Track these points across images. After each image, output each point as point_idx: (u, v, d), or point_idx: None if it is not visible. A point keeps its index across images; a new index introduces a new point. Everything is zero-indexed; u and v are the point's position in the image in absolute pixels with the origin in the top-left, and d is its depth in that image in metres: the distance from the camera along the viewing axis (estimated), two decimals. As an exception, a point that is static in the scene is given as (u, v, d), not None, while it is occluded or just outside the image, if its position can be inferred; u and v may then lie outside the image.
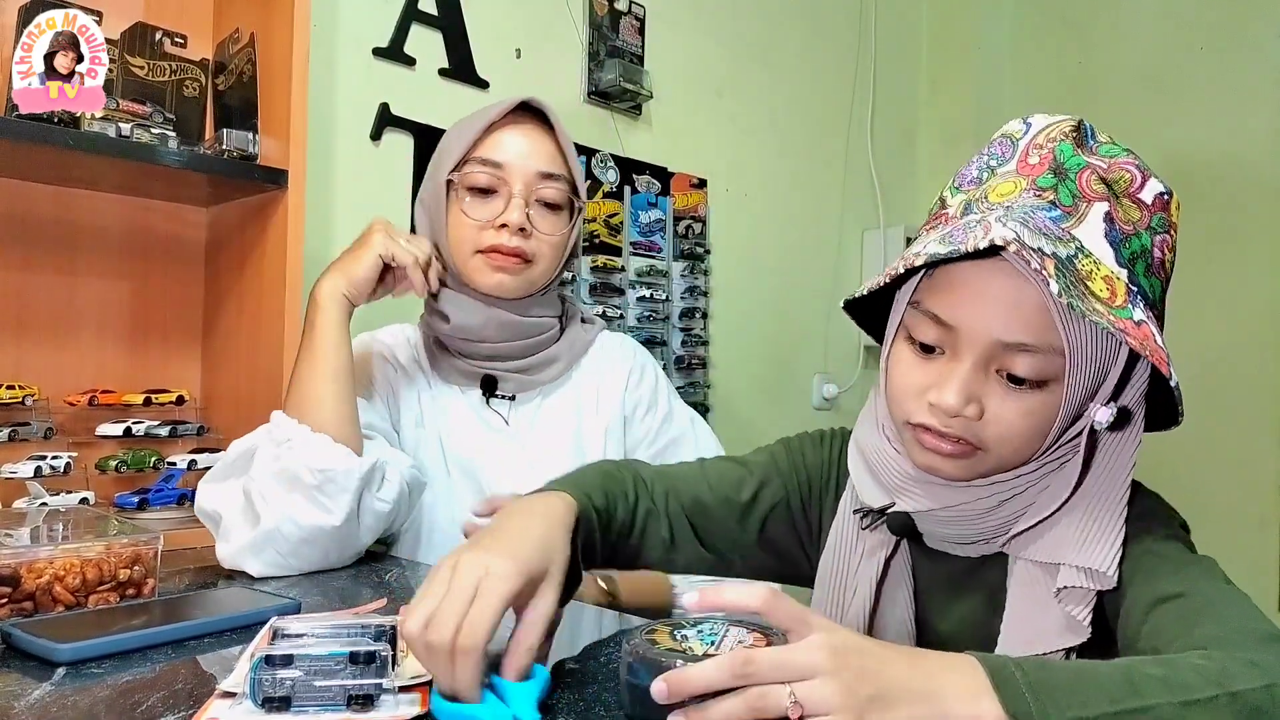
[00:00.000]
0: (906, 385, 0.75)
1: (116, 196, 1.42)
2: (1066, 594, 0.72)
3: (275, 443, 1.01)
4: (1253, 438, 2.37)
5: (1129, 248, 0.71)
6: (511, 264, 1.15)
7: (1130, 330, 0.66)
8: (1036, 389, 0.71)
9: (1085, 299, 0.66)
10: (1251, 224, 2.39)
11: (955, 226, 0.72)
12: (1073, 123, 0.75)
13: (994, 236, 0.65)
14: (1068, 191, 0.72)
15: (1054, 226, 0.70)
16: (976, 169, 0.78)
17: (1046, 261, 0.65)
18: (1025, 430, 0.72)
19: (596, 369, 1.28)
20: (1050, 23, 2.80)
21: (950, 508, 0.76)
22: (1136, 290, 0.71)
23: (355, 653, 0.59)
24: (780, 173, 2.52)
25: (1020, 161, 0.75)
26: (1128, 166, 0.73)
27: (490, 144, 1.17)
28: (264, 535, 0.98)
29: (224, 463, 1.06)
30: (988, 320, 0.70)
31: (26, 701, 0.62)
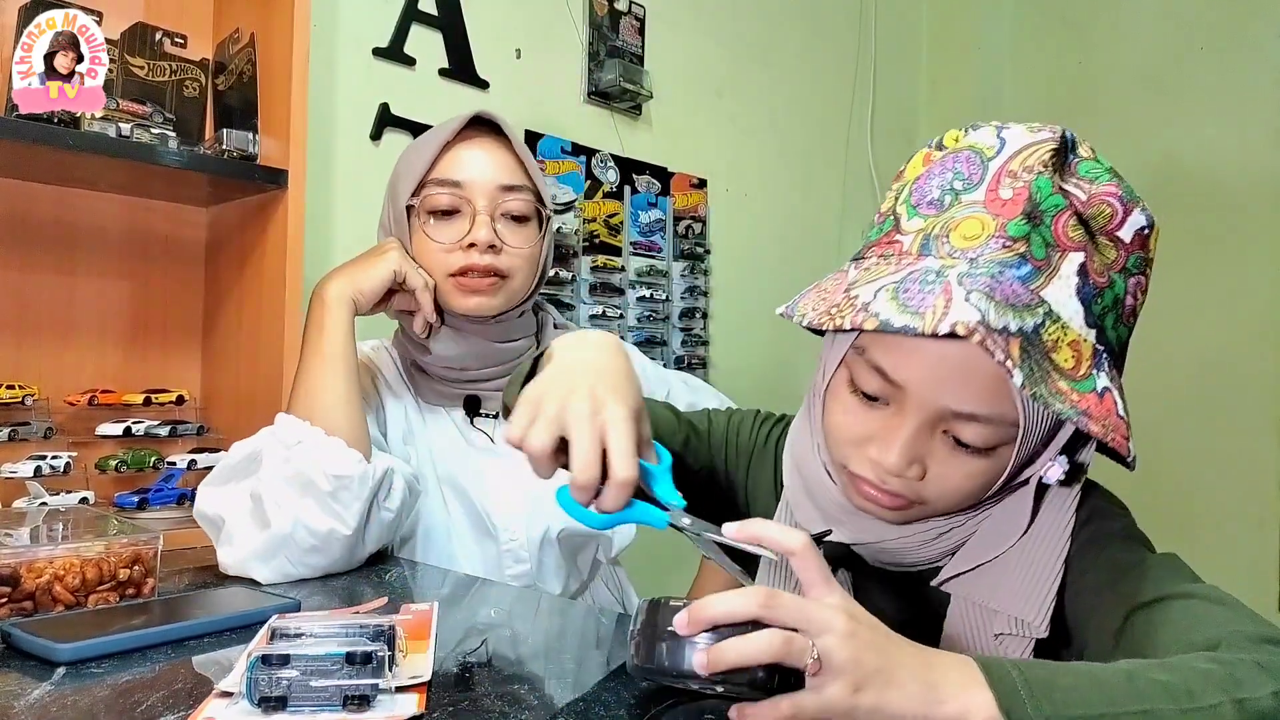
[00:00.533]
0: (846, 432, 0.72)
1: (116, 196, 1.42)
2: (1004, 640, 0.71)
3: (285, 445, 0.99)
4: (1253, 438, 2.37)
5: (1101, 302, 0.66)
6: (486, 285, 1.13)
7: (1093, 408, 0.62)
8: (982, 454, 0.68)
9: (1049, 378, 0.62)
10: (1251, 224, 2.39)
11: (912, 278, 0.64)
12: (1053, 145, 0.67)
13: (955, 321, 0.59)
14: (1041, 241, 0.65)
15: (1023, 290, 0.63)
16: (938, 188, 0.69)
17: (1012, 344, 0.60)
18: (969, 489, 0.70)
19: None
20: (1050, 23, 2.80)
21: (886, 540, 0.75)
22: (1103, 349, 0.66)
23: (352, 653, 0.59)
24: (780, 173, 2.52)
25: (990, 191, 0.66)
26: (1108, 199, 0.66)
27: (447, 163, 1.14)
28: (275, 541, 0.96)
29: (226, 466, 1.03)
30: (939, 387, 0.65)
31: (26, 701, 0.62)
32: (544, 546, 1.16)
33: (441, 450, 1.17)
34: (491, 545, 1.15)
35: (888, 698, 0.53)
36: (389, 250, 1.12)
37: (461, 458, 1.17)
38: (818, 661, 0.52)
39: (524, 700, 0.63)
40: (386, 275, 1.10)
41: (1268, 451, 2.36)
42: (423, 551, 1.14)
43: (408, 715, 0.59)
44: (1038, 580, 0.71)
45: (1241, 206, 2.41)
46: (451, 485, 1.16)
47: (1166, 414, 2.41)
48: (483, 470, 1.17)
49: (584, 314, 2.03)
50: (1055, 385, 0.62)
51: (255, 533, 0.97)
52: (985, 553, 0.73)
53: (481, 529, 1.15)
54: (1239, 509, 2.36)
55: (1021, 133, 0.68)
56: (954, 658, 0.56)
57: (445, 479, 1.16)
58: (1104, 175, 0.67)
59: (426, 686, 0.63)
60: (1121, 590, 0.67)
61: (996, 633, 0.71)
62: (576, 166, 2.01)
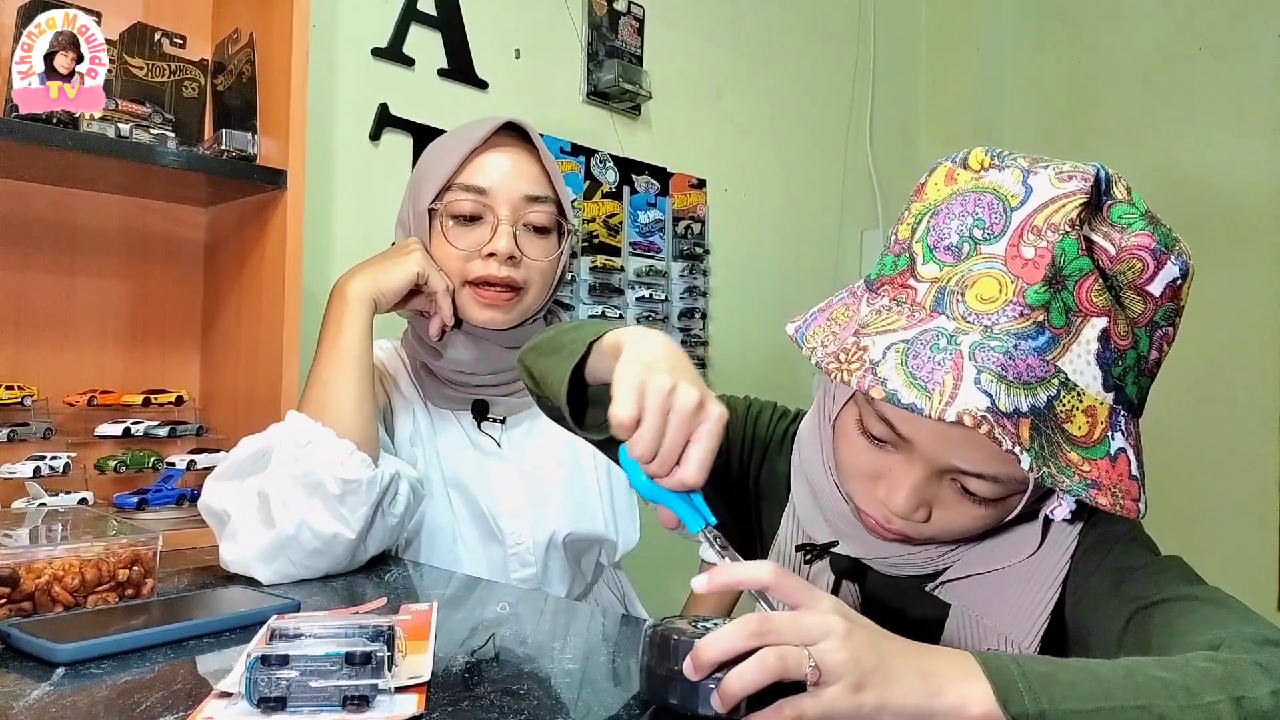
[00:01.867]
0: (854, 467, 0.72)
1: (116, 197, 1.42)
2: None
3: (296, 444, 0.98)
4: (1253, 438, 2.38)
5: (1122, 364, 0.64)
6: (502, 300, 1.12)
7: (1103, 477, 0.62)
8: (990, 504, 0.68)
9: (1058, 454, 0.61)
10: (1251, 225, 2.40)
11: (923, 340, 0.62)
12: (1082, 199, 0.62)
13: (962, 410, 0.58)
14: (1061, 307, 0.62)
15: (1038, 363, 0.61)
16: (957, 233, 0.65)
17: (1022, 426, 0.59)
18: (973, 529, 0.71)
19: None
20: (1050, 23, 2.80)
21: (896, 556, 0.76)
22: (1121, 407, 0.64)
23: (351, 653, 0.59)
24: (780, 173, 2.52)
25: (1011, 246, 0.63)
26: (1140, 254, 0.63)
27: (473, 168, 1.12)
28: (279, 542, 0.95)
29: (234, 461, 1.02)
30: (947, 448, 0.65)
31: (25, 702, 0.62)
32: (549, 550, 1.16)
33: (449, 453, 1.17)
34: (497, 549, 1.15)
35: (888, 694, 0.53)
36: (413, 250, 1.11)
37: (469, 461, 1.17)
38: (816, 669, 0.53)
39: (524, 700, 0.63)
40: (410, 276, 1.09)
41: (1268, 451, 2.36)
42: (427, 553, 1.14)
43: (407, 715, 0.59)
44: (1033, 601, 0.71)
45: (1241, 207, 2.41)
46: (458, 488, 1.16)
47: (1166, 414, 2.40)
48: (489, 474, 1.17)
49: (584, 314, 2.03)
50: (1066, 458, 0.61)
51: (260, 532, 0.97)
52: (986, 564, 0.74)
53: (487, 532, 1.15)
54: (1239, 509, 2.36)
55: (1049, 180, 0.64)
56: (951, 652, 0.57)
57: (452, 482, 1.16)
58: (1138, 223, 0.63)
59: (426, 687, 0.63)
60: (1125, 592, 0.68)
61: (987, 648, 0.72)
62: (576, 167, 2.01)
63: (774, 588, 0.57)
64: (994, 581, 0.73)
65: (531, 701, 0.63)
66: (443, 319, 1.12)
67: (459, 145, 1.14)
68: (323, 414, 1.01)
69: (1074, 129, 2.69)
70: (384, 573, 1.04)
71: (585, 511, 1.18)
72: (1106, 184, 0.64)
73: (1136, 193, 0.66)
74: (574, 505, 1.18)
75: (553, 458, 1.20)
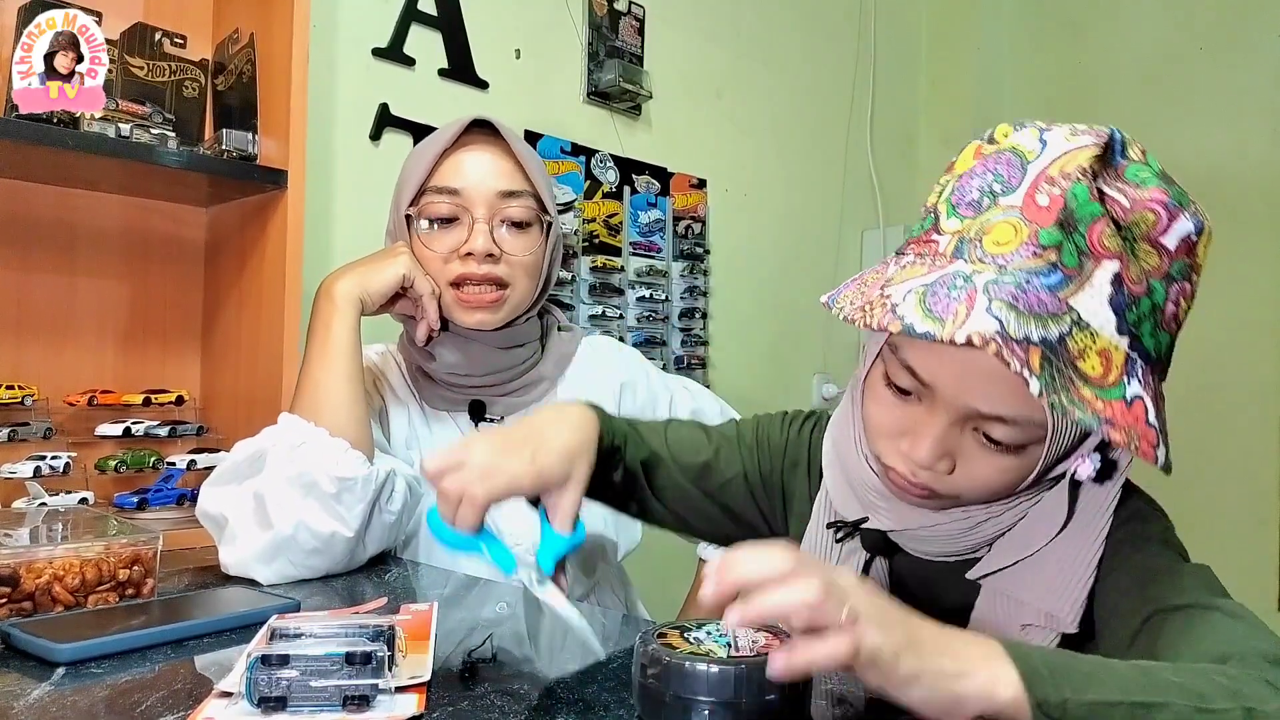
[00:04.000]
0: (880, 424, 0.74)
1: (116, 197, 1.42)
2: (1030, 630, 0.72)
3: (289, 445, 0.98)
4: (1253, 438, 2.38)
5: (1136, 310, 0.64)
6: (487, 301, 1.12)
7: (1118, 418, 0.62)
8: (1012, 451, 0.69)
9: (1071, 387, 0.61)
10: (1251, 224, 2.39)
11: (941, 282, 0.64)
12: (1095, 150, 0.65)
13: (972, 331, 0.60)
14: (1073, 249, 0.64)
15: (1050, 299, 0.63)
16: (978, 189, 0.68)
17: (1032, 353, 0.61)
18: (998, 484, 0.71)
19: (582, 380, 1.25)
20: (1050, 23, 2.80)
21: (925, 528, 0.76)
22: (1137, 355, 0.65)
23: (351, 653, 0.59)
24: (780, 173, 2.52)
25: (1027, 196, 0.66)
26: (1153, 206, 0.64)
27: (445, 170, 1.12)
28: (277, 542, 0.95)
29: (229, 465, 1.02)
30: (966, 388, 0.67)
31: (26, 702, 0.62)
32: None
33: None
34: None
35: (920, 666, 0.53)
36: (400, 254, 1.11)
37: None
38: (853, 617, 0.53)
39: (524, 700, 0.63)
40: (395, 278, 1.09)
41: (1268, 451, 2.36)
42: (425, 554, 1.14)
43: (407, 715, 0.59)
44: (1071, 576, 0.71)
45: (1241, 206, 2.41)
46: None
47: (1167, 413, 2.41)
48: None
49: (584, 314, 2.03)
50: (1079, 393, 0.62)
51: (257, 533, 0.97)
52: (1022, 549, 0.73)
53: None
54: (1239, 509, 2.36)
55: (1063, 136, 0.67)
56: (974, 635, 0.57)
57: None
58: (1151, 179, 0.65)
59: (426, 686, 0.63)
60: (1147, 594, 0.68)
61: (1023, 624, 0.72)
62: (576, 167, 2.01)
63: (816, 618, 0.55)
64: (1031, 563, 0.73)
65: (531, 701, 0.63)
66: (429, 323, 1.12)
67: (430, 148, 1.14)
68: (315, 414, 1.01)
69: (1074, 129, 2.69)
70: (384, 573, 1.04)
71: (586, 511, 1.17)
72: (1121, 145, 0.67)
73: (1152, 155, 0.68)
74: None
75: None
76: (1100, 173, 0.65)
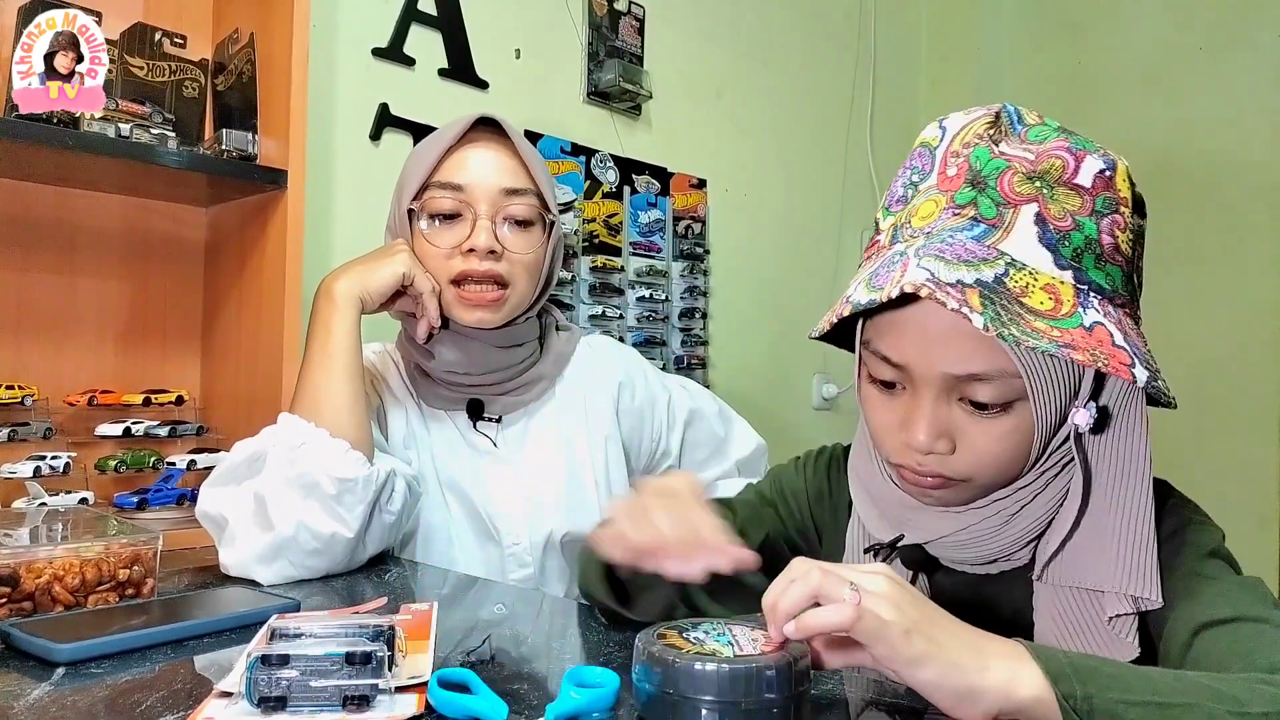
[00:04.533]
0: (880, 424, 0.75)
1: (116, 197, 1.42)
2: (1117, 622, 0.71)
3: (289, 446, 0.98)
4: (1253, 438, 2.38)
5: (1069, 244, 0.67)
6: (488, 300, 1.11)
7: (1078, 341, 0.63)
8: (1003, 412, 0.69)
9: (1020, 320, 0.63)
10: (1251, 223, 2.40)
11: (882, 264, 0.69)
12: (989, 118, 0.71)
13: (905, 282, 0.63)
14: (990, 202, 0.68)
15: (977, 247, 0.66)
16: (902, 185, 0.75)
17: (970, 293, 0.63)
18: (1002, 454, 0.70)
19: (580, 379, 1.25)
20: (1050, 23, 2.80)
21: (959, 532, 0.75)
22: (1087, 288, 0.67)
23: (351, 653, 0.59)
24: (780, 173, 2.52)
25: (939, 174, 0.71)
26: (1058, 152, 0.68)
27: (449, 166, 1.12)
28: (277, 543, 0.95)
29: (229, 466, 1.02)
30: (934, 356, 0.68)
31: (25, 702, 0.62)
32: (547, 551, 1.15)
33: (443, 454, 1.17)
34: (494, 549, 1.15)
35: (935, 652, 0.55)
36: (399, 251, 1.11)
37: (464, 461, 1.17)
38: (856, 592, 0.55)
39: (524, 700, 0.63)
40: (395, 277, 1.09)
41: (1268, 451, 2.36)
42: (423, 553, 1.13)
43: (407, 715, 0.59)
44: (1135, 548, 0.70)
45: (1241, 206, 2.41)
46: (454, 489, 1.16)
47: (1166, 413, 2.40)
48: (485, 474, 1.16)
49: (584, 314, 2.03)
50: (1030, 325, 0.63)
51: (258, 534, 0.97)
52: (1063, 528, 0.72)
53: (484, 532, 1.15)
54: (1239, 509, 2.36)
55: (959, 117, 0.73)
56: (999, 637, 0.58)
57: (447, 483, 1.16)
58: (1052, 135, 0.70)
59: (425, 687, 0.63)
60: (1196, 608, 0.67)
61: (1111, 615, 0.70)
62: (576, 167, 2.01)
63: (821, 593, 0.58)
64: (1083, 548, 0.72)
65: (531, 701, 0.63)
66: (429, 320, 1.12)
67: (435, 144, 1.14)
68: (315, 414, 1.01)
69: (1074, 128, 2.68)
70: (384, 573, 1.04)
71: (583, 511, 1.17)
72: (1017, 114, 0.72)
73: (1050, 118, 0.72)
74: (571, 505, 1.18)
75: (549, 457, 1.19)
76: (998, 138, 0.70)
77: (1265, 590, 0.68)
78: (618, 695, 0.61)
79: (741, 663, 0.56)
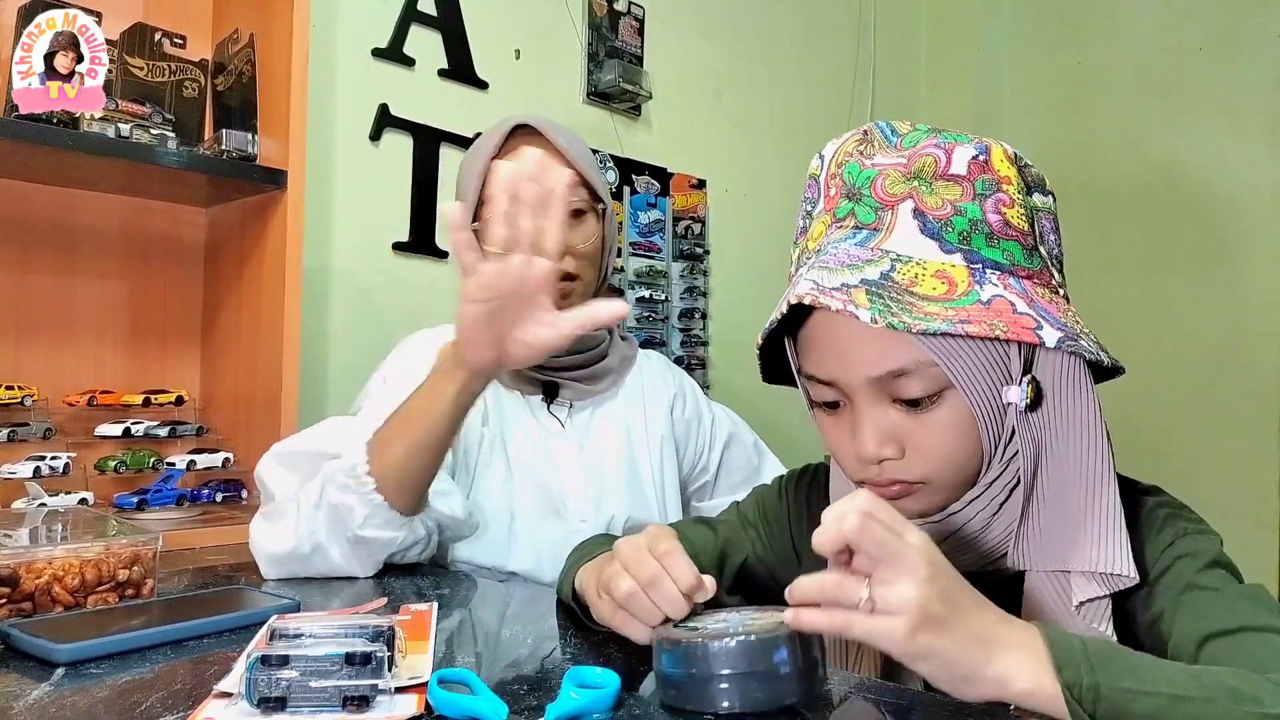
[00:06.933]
0: (835, 445, 0.76)
1: (116, 197, 1.42)
2: (1086, 609, 0.70)
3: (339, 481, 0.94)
4: (1253, 438, 2.37)
5: (953, 229, 0.69)
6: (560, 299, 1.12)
7: (974, 317, 0.65)
8: (937, 402, 0.70)
9: (911, 308, 0.66)
10: (1250, 224, 2.39)
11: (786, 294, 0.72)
12: (858, 136, 0.76)
13: (790, 296, 0.68)
14: (867, 208, 0.71)
15: (861, 250, 0.70)
16: (800, 218, 0.79)
17: (855, 293, 0.66)
18: (950, 447, 0.70)
19: (640, 385, 1.32)
20: (1050, 23, 2.80)
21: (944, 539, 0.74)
22: (981, 265, 0.69)
23: (351, 654, 0.59)
24: (780, 173, 2.52)
25: (825, 198, 0.76)
26: (929, 150, 0.71)
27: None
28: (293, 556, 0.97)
29: (300, 449, 1.01)
30: (851, 364, 0.70)
31: (25, 702, 0.62)
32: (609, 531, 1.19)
33: (513, 432, 1.20)
34: (557, 526, 1.18)
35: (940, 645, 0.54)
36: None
37: (535, 440, 1.21)
38: (870, 601, 0.55)
39: (524, 700, 0.63)
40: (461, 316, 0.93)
41: (1268, 451, 2.36)
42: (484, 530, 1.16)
43: (407, 716, 0.59)
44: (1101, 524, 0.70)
45: (1241, 207, 2.41)
46: (523, 466, 1.19)
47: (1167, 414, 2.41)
48: (554, 453, 1.21)
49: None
50: (922, 310, 0.66)
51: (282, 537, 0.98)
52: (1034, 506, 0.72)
53: (549, 509, 1.18)
54: (1239, 509, 2.36)
55: (833, 143, 0.78)
56: (1020, 622, 0.58)
57: (516, 459, 1.19)
58: (923, 137, 0.72)
59: (424, 687, 0.63)
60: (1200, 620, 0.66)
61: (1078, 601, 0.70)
62: (576, 167, 2.01)
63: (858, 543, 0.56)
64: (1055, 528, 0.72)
65: (531, 701, 0.63)
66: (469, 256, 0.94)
67: (478, 160, 1.17)
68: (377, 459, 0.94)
69: (1074, 129, 2.69)
70: (384, 573, 1.04)
71: (643, 500, 1.23)
72: (890, 128, 0.75)
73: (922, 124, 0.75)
74: (633, 492, 1.23)
75: (612, 445, 1.25)
76: (870, 152, 0.74)
77: (1268, 598, 0.68)
78: (618, 695, 0.62)
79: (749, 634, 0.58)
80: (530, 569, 1.17)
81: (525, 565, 1.16)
